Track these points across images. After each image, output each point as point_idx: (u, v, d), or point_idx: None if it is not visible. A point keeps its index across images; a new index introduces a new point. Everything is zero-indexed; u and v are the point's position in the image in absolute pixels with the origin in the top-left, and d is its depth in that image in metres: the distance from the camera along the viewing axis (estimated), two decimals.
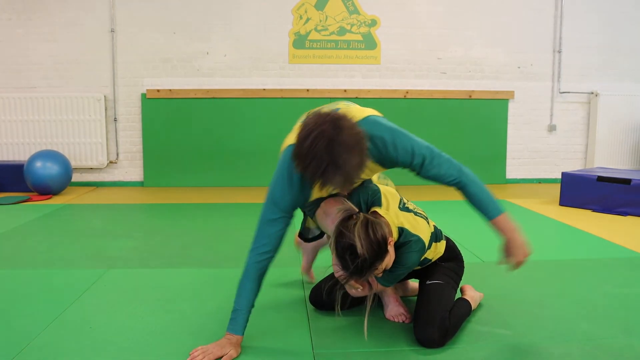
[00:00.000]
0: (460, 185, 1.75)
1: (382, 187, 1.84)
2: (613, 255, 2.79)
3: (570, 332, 1.83)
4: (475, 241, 3.06)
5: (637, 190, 3.72)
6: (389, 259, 1.63)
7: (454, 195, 4.80)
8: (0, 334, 1.81)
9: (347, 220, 1.59)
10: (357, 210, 1.66)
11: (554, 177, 5.44)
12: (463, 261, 2.02)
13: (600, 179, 3.89)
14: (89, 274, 2.45)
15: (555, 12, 5.27)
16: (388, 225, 1.66)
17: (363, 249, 1.52)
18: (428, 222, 1.87)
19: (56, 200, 4.33)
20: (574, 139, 5.45)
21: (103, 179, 5.18)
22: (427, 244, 1.78)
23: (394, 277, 1.75)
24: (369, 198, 1.79)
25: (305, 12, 5.09)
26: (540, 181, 5.47)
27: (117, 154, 5.15)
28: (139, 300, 2.12)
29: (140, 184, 5.18)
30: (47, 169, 4.42)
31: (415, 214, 1.82)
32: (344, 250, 1.55)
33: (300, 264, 2.61)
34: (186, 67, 5.08)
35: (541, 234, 3.29)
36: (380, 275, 1.69)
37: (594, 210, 3.91)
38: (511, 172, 5.43)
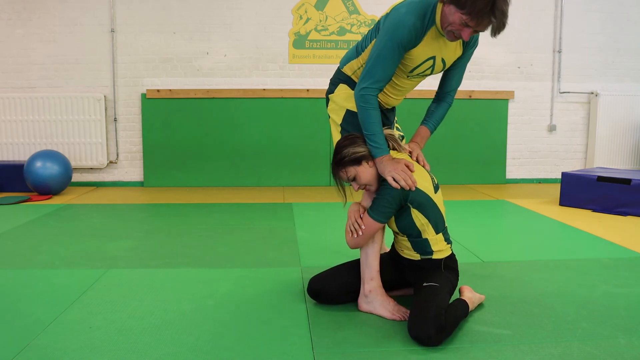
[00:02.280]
0: (451, 97, 2.24)
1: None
2: (613, 255, 2.79)
3: (570, 332, 1.83)
4: (476, 241, 3.06)
5: (637, 190, 3.72)
6: (362, 171, 1.93)
7: (454, 196, 4.82)
8: (1, 333, 1.81)
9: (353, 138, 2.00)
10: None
11: (554, 177, 5.44)
12: (458, 276, 2.06)
13: (600, 179, 3.89)
14: (89, 274, 2.45)
15: (555, 12, 5.27)
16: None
17: (348, 148, 1.95)
18: (433, 181, 1.99)
19: (56, 200, 4.33)
20: (574, 139, 5.46)
21: (103, 179, 5.18)
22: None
23: (376, 207, 1.92)
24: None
25: (305, 12, 5.09)
26: (540, 181, 5.47)
27: (117, 154, 5.15)
28: (139, 300, 2.12)
29: (140, 184, 5.18)
30: (47, 169, 4.42)
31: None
32: (338, 145, 1.99)
33: (299, 264, 2.61)
34: (186, 67, 5.08)
35: (541, 234, 3.29)
36: (357, 187, 1.97)
37: (594, 210, 3.91)
38: (511, 172, 5.43)
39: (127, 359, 1.63)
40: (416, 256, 1.99)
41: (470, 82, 5.27)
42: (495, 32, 1.83)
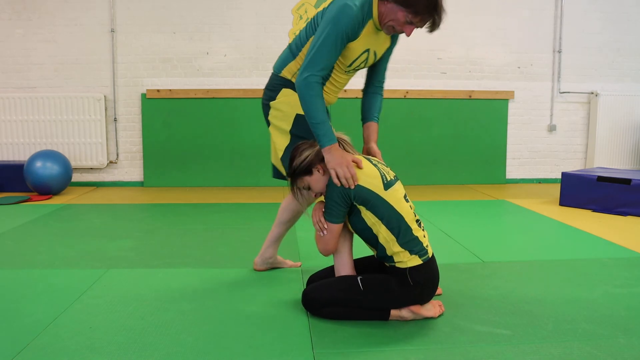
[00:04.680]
0: (382, 88, 2.29)
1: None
2: (613, 255, 2.79)
3: (570, 332, 1.83)
4: (476, 241, 3.06)
5: (637, 190, 3.72)
6: (314, 181, 1.93)
7: (454, 196, 4.80)
8: (1, 333, 1.81)
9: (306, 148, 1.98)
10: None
11: (554, 177, 5.44)
12: (422, 292, 1.89)
13: (600, 179, 3.89)
14: (89, 274, 2.45)
15: (555, 12, 5.27)
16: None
17: (296, 158, 1.95)
18: (384, 178, 1.89)
19: (56, 200, 4.33)
20: (574, 139, 5.45)
21: (103, 179, 5.18)
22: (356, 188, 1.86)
23: (326, 208, 1.89)
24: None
25: (305, 12, 5.09)
26: (540, 181, 5.47)
27: (117, 154, 5.15)
28: (139, 300, 2.12)
29: (140, 184, 5.18)
30: (47, 169, 4.42)
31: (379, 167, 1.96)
32: (290, 156, 1.99)
33: (298, 263, 2.61)
34: (186, 67, 5.08)
35: (541, 234, 3.29)
36: (314, 195, 1.99)
37: (594, 210, 3.91)
38: (511, 172, 5.43)
39: (127, 359, 1.63)
40: (386, 263, 1.92)
41: (470, 82, 5.27)
42: (434, 28, 1.92)
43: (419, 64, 5.22)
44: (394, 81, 5.19)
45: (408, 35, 1.94)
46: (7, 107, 4.96)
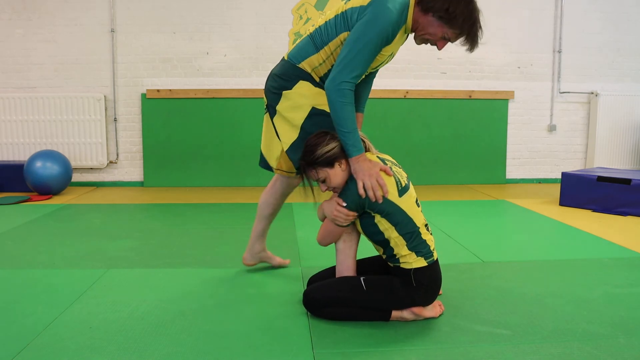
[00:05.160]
0: (374, 77, 2.26)
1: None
2: (613, 255, 2.79)
3: (570, 332, 1.83)
4: (476, 241, 3.06)
5: (637, 190, 3.72)
6: (334, 175, 1.89)
7: (454, 196, 4.80)
8: (1, 333, 1.81)
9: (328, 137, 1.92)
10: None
11: (554, 177, 5.44)
12: (421, 293, 1.88)
13: (600, 179, 3.89)
14: (89, 274, 2.45)
15: (555, 12, 5.27)
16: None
17: (320, 148, 1.88)
18: (398, 185, 1.88)
19: (56, 200, 4.33)
20: (574, 139, 5.45)
21: (103, 179, 5.18)
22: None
23: (343, 196, 1.88)
24: None
25: (305, 12, 5.09)
26: (540, 181, 5.47)
27: (117, 154, 5.15)
28: (139, 300, 2.12)
29: (140, 184, 5.18)
30: (47, 169, 4.42)
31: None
32: (309, 143, 1.92)
33: (299, 264, 2.61)
34: (186, 67, 5.08)
35: (541, 234, 3.29)
36: (325, 189, 1.95)
37: (594, 210, 3.91)
38: (511, 172, 5.43)
39: (127, 359, 1.63)
40: (390, 263, 1.93)
41: (470, 82, 5.27)
42: (473, 48, 1.92)
43: (419, 64, 5.22)
44: (394, 81, 5.19)
45: (440, 49, 1.93)
46: (7, 107, 4.96)
